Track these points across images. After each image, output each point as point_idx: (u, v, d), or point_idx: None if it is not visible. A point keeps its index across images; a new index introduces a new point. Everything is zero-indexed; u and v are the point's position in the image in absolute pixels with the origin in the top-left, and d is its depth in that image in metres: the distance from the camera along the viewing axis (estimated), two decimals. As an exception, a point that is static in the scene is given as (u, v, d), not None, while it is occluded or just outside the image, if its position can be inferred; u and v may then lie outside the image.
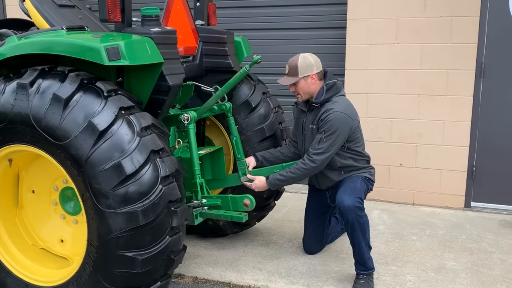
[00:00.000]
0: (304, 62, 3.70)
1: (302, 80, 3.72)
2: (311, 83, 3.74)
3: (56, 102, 2.81)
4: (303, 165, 3.67)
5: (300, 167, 3.68)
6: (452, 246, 4.33)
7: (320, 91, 3.76)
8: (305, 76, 3.70)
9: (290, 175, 3.71)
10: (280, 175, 3.74)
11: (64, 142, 2.78)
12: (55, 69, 2.99)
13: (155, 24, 3.28)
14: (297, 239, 4.44)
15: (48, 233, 3.43)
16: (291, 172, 3.70)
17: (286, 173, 3.72)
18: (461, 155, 5.14)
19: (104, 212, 2.75)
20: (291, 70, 3.72)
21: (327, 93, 3.74)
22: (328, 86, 3.75)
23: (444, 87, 5.08)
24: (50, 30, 3.31)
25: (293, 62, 3.72)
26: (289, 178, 3.72)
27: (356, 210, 3.55)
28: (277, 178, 3.74)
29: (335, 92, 3.76)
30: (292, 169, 3.71)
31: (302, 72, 3.70)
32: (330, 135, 3.62)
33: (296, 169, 3.69)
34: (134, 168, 2.73)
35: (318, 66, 3.76)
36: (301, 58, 3.72)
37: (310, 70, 3.72)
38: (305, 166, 3.66)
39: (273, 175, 3.76)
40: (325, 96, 3.73)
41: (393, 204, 5.40)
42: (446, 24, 4.97)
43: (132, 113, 2.88)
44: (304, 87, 3.74)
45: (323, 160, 3.64)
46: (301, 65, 3.70)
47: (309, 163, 3.65)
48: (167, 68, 3.15)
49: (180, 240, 3.00)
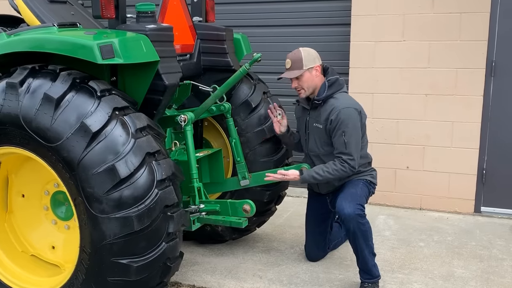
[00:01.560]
0: (308, 53, 3.75)
1: (307, 72, 3.73)
2: (316, 75, 3.76)
3: (47, 102, 2.81)
4: (343, 167, 3.66)
5: (340, 168, 3.67)
6: (461, 253, 4.33)
7: (322, 87, 3.77)
8: (309, 68, 3.73)
9: (328, 175, 3.69)
10: (316, 173, 3.71)
11: (55, 144, 2.79)
12: (46, 67, 3.00)
13: (151, 21, 3.29)
14: (299, 246, 4.44)
15: (39, 239, 3.43)
16: (328, 172, 3.68)
17: (323, 172, 3.69)
18: (470, 158, 5.13)
19: (97, 217, 2.75)
20: (294, 63, 3.74)
21: (330, 89, 3.75)
22: (330, 82, 3.77)
23: (453, 86, 5.08)
24: (41, 27, 3.30)
25: (296, 55, 3.75)
26: (325, 178, 3.71)
27: (357, 218, 3.55)
28: (312, 176, 3.72)
29: (338, 88, 3.78)
30: (330, 170, 3.68)
31: (306, 64, 3.73)
32: (350, 134, 3.64)
33: (335, 170, 3.67)
34: (128, 171, 2.73)
35: (319, 59, 3.81)
36: (304, 50, 3.76)
37: (314, 62, 3.76)
38: (345, 169, 3.66)
39: (308, 172, 3.74)
40: (328, 93, 3.74)
41: (399, 209, 5.39)
42: (455, 20, 4.97)
43: (126, 113, 2.88)
44: (308, 79, 3.75)
45: (358, 159, 3.70)
46: (305, 57, 3.73)
47: (348, 167, 3.65)
48: (163, 67, 3.15)
49: (176, 246, 3.00)
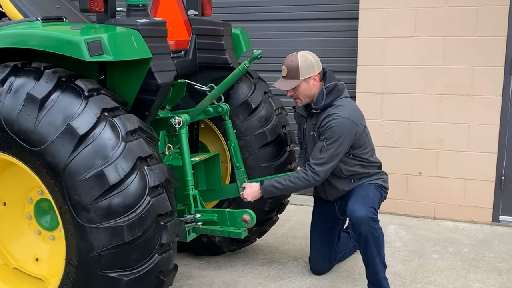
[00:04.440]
0: (305, 62, 3.69)
1: (303, 83, 3.71)
2: (313, 85, 3.74)
3: (31, 103, 2.81)
4: (305, 175, 3.67)
5: (301, 176, 3.68)
6: (478, 266, 4.33)
7: (320, 95, 3.76)
8: (306, 78, 3.70)
9: (289, 184, 3.70)
10: (277, 182, 3.73)
11: (39, 148, 2.79)
12: (29, 65, 2.99)
13: (142, 15, 3.29)
14: (302, 258, 4.44)
15: (21, 251, 3.43)
16: (290, 181, 3.70)
17: (285, 181, 3.71)
18: (488, 163, 5.14)
19: (85, 227, 2.75)
20: (290, 73, 3.70)
21: (328, 97, 3.74)
22: (328, 89, 3.75)
23: (469, 85, 5.08)
24: (24, 21, 3.31)
25: (292, 63, 3.69)
26: (287, 187, 3.72)
27: (369, 221, 3.56)
28: (272, 185, 3.73)
29: (337, 95, 3.76)
30: (292, 178, 3.71)
31: (303, 73, 3.69)
32: (332, 143, 3.62)
33: (296, 178, 3.69)
34: (118, 178, 2.73)
35: (319, 65, 3.77)
36: (301, 57, 3.70)
37: (312, 71, 3.71)
38: (307, 177, 3.66)
39: (269, 182, 3.75)
40: (326, 101, 3.73)
41: (411, 218, 5.40)
42: (471, 14, 4.98)
43: (116, 115, 2.89)
44: (305, 90, 3.73)
45: (326, 171, 3.66)
46: (302, 66, 3.68)
47: (311, 174, 3.65)
48: (155, 64, 3.15)
49: (170, 258, 3.00)
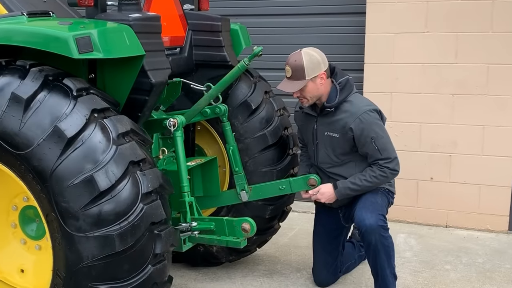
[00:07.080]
0: (310, 60, 3.67)
1: (310, 83, 3.68)
2: (320, 84, 3.72)
3: (15, 103, 2.82)
4: (382, 173, 3.71)
5: (379, 175, 3.71)
6: (494, 277, 4.33)
7: (333, 92, 3.76)
8: (313, 77, 3.68)
9: (366, 184, 3.73)
10: (352, 183, 3.74)
11: (24, 152, 2.79)
12: (14, 63, 3.00)
13: (135, 9, 3.29)
14: (306, 269, 4.44)
15: (5, 262, 3.42)
16: (366, 180, 3.72)
17: (361, 181, 3.73)
18: (504, 168, 5.14)
19: (73, 236, 2.75)
20: (295, 73, 3.67)
21: (342, 93, 3.75)
22: (341, 85, 3.77)
23: (483, 85, 5.09)
24: (8, 16, 3.32)
25: (297, 63, 3.66)
26: (364, 187, 3.75)
27: (380, 229, 3.57)
28: (348, 187, 3.75)
29: (350, 90, 3.79)
30: (368, 177, 3.72)
31: (309, 73, 3.67)
32: (380, 138, 3.70)
33: (373, 177, 3.71)
34: (109, 183, 2.73)
35: (325, 62, 3.75)
36: (305, 55, 3.67)
37: (318, 69, 3.70)
38: (385, 174, 3.71)
39: (343, 183, 3.77)
40: (340, 98, 3.74)
41: (422, 227, 5.40)
42: (486, 8, 4.98)
43: (107, 116, 2.89)
44: (312, 90, 3.72)
45: (398, 162, 3.75)
46: (307, 65, 3.66)
47: (389, 171, 3.71)
48: (149, 62, 3.16)
49: (164, 269, 3.00)
